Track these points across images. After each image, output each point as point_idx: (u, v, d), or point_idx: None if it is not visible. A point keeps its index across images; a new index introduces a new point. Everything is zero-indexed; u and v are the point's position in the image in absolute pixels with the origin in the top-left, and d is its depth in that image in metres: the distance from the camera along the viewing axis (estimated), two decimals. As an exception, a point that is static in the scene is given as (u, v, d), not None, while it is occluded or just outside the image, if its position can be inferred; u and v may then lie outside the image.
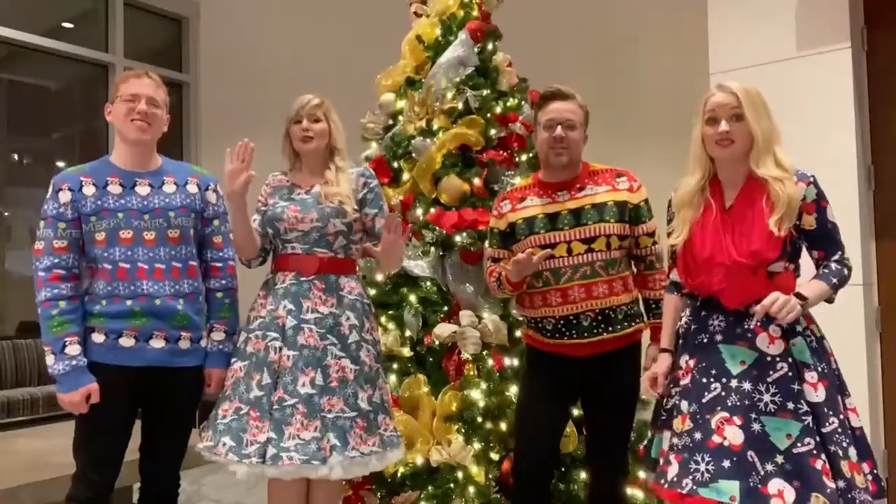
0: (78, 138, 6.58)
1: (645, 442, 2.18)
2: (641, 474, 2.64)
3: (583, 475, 2.61)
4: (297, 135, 2.29)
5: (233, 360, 2.23)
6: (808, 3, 3.05)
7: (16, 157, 6.29)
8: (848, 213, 2.84)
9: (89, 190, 2.13)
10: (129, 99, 2.15)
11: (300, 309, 2.19)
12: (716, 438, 1.81)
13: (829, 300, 1.90)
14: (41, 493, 2.63)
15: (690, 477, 1.81)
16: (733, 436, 1.80)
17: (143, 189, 2.17)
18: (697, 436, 1.85)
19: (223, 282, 2.29)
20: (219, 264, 2.29)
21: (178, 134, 6.47)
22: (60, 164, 6.32)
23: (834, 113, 2.96)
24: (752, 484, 1.75)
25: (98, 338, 2.09)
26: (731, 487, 1.75)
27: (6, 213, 5.95)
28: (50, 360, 2.06)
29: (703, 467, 1.80)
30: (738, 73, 3.09)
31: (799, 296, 1.81)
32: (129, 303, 2.09)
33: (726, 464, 1.78)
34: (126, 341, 2.09)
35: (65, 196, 2.12)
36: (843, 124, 2.95)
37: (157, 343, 2.11)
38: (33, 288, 2.11)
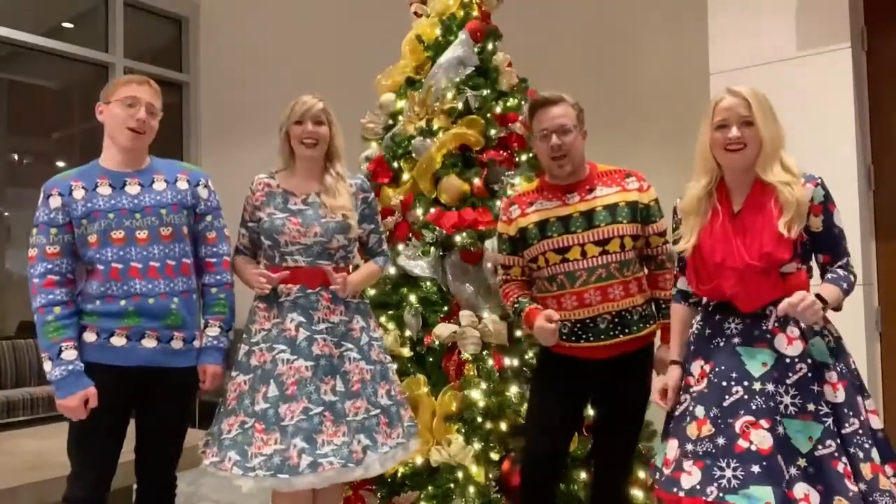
0: (78, 138, 6.57)
1: (650, 445, 2.16)
2: (641, 474, 2.64)
3: (583, 475, 2.61)
4: (299, 137, 2.24)
5: (234, 373, 2.21)
6: (808, 3, 3.04)
7: (16, 157, 6.29)
8: (848, 213, 2.81)
9: (79, 193, 2.12)
10: (130, 103, 2.13)
11: (311, 320, 2.18)
12: (742, 443, 1.76)
13: (838, 308, 1.88)
14: (41, 493, 2.63)
15: (716, 484, 1.75)
16: (761, 440, 1.75)
17: (133, 188, 2.16)
18: (721, 441, 1.79)
19: (218, 277, 2.28)
20: (213, 260, 2.28)
21: (178, 134, 6.47)
22: (60, 164, 6.32)
23: (834, 113, 2.95)
24: (783, 488, 1.71)
25: (90, 337, 2.09)
26: (765, 493, 1.70)
27: (6, 213, 5.95)
28: (48, 366, 2.05)
29: (729, 473, 1.75)
30: (738, 73, 3.09)
31: (819, 298, 1.79)
32: (122, 303, 2.08)
33: (755, 469, 1.73)
34: (118, 340, 2.08)
35: (55, 201, 2.11)
36: (843, 124, 2.94)
37: (150, 343, 2.10)
38: (30, 294, 2.10)
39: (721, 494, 1.74)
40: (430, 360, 2.77)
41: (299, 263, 2.22)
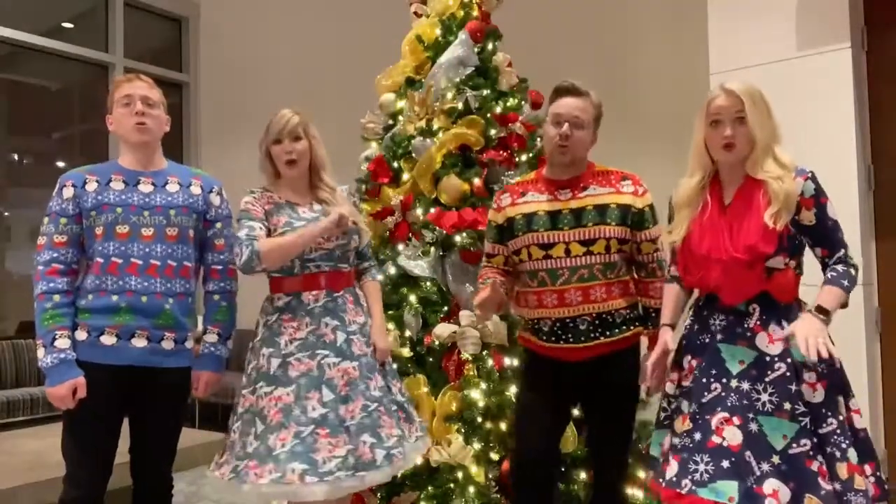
0: (78, 138, 6.58)
1: (649, 440, 2.18)
2: (641, 474, 2.64)
3: (583, 475, 2.61)
4: (280, 157, 2.24)
5: (269, 387, 2.13)
6: (808, 3, 3.05)
7: (16, 157, 6.29)
8: (848, 214, 2.84)
9: (92, 186, 2.15)
10: (125, 102, 2.17)
11: (344, 323, 2.21)
12: (715, 439, 1.81)
13: (844, 304, 1.89)
14: (41, 493, 2.64)
15: (689, 477, 1.81)
16: (732, 436, 1.80)
17: (145, 187, 2.19)
18: (697, 436, 1.84)
19: (222, 284, 2.29)
20: (219, 267, 2.29)
21: (178, 134, 6.47)
22: (60, 164, 6.33)
23: (834, 113, 2.96)
24: (749, 484, 1.75)
25: (80, 335, 2.09)
26: (730, 488, 1.75)
27: (6, 213, 5.95)
28: (40, 353, 2.06)
29: (702, 467, 1.80)
30: (738, 73, 3.09)
31: (820, 310, 1.81)
32: (114, 298, 2.09)
33: (725, 464, 1.78)
34: (107, 339, 2.08)
35: (68, 192, 2.14)
36: (843, 124, 2.95)
37: (139, 342, 2.10)
38: (33, 281, 2.11)
39: (693, 487, 1.80)
40: (430, 360, 2.77)
41: (322, 269, 2.22)
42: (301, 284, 2.21)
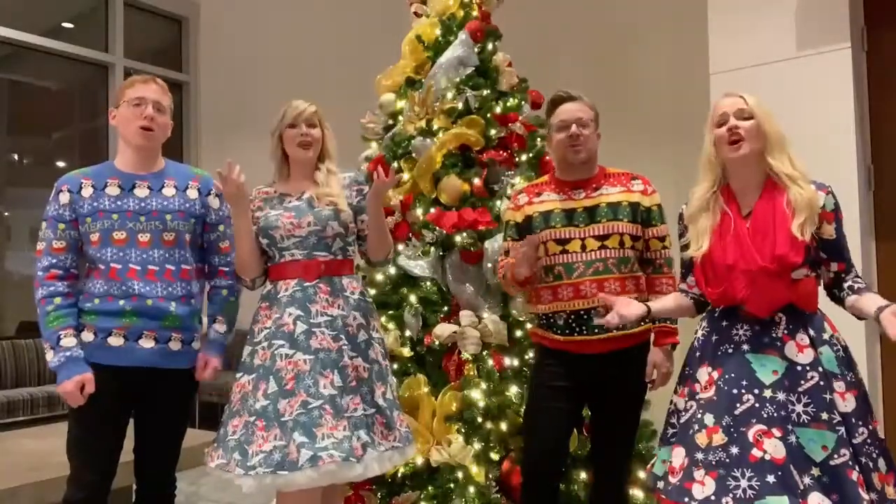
0: (78, 138, 6.57)
1: (650, 443, 2.15)
2: (641, 474, 2.64)
3: (583, 475, 2.61)
4: (293, 140, 2.25)
5: (238, 374, 2.19)
6: (808, 3, 3.04)
7: (16, 157, 6.28)
8: (848, 213, 2.80)
9: (87, 192, 2.15)
10: (136, 103, 2.16)
11: (309, 314, 2.16)
12: (756, 452, 1.73)
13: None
14: (41, 493, 2.64)
15: (731, 495, 1.72)
16: (775, 449, 1.73)
17: (141, 191, 2.18)
18: (734, 450, 1.76)
19: (230, 282, 2.31)
20: (226, 268, 2.30)
21: (177, 134, 6.47)
22: (60, 164, 6.32)
23: (834, 113, 2.95)
24: (798, 498, 1.69)
25: (87, 336, 2.10)
26: (781, 503, 1.68)
27: (6, 213, 5.95)
28: (49, 355, 2.08)
29: (744, 483, 1.72)
30: (738, 73, 3.09)
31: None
32: (121, 302, 2.10)
33: (771, 479, 1.70)
34: (115, 340, 2.09)
35: (64, 198, 2.14)
36: (843, 124, 2.94)
37: (147, 343, 2.11)
38: (33, 288, 2.12)
39: None
40: (430, 360, 2.78)
41: (296, 257, 2.22)
42: (278, 273, 2.23)
